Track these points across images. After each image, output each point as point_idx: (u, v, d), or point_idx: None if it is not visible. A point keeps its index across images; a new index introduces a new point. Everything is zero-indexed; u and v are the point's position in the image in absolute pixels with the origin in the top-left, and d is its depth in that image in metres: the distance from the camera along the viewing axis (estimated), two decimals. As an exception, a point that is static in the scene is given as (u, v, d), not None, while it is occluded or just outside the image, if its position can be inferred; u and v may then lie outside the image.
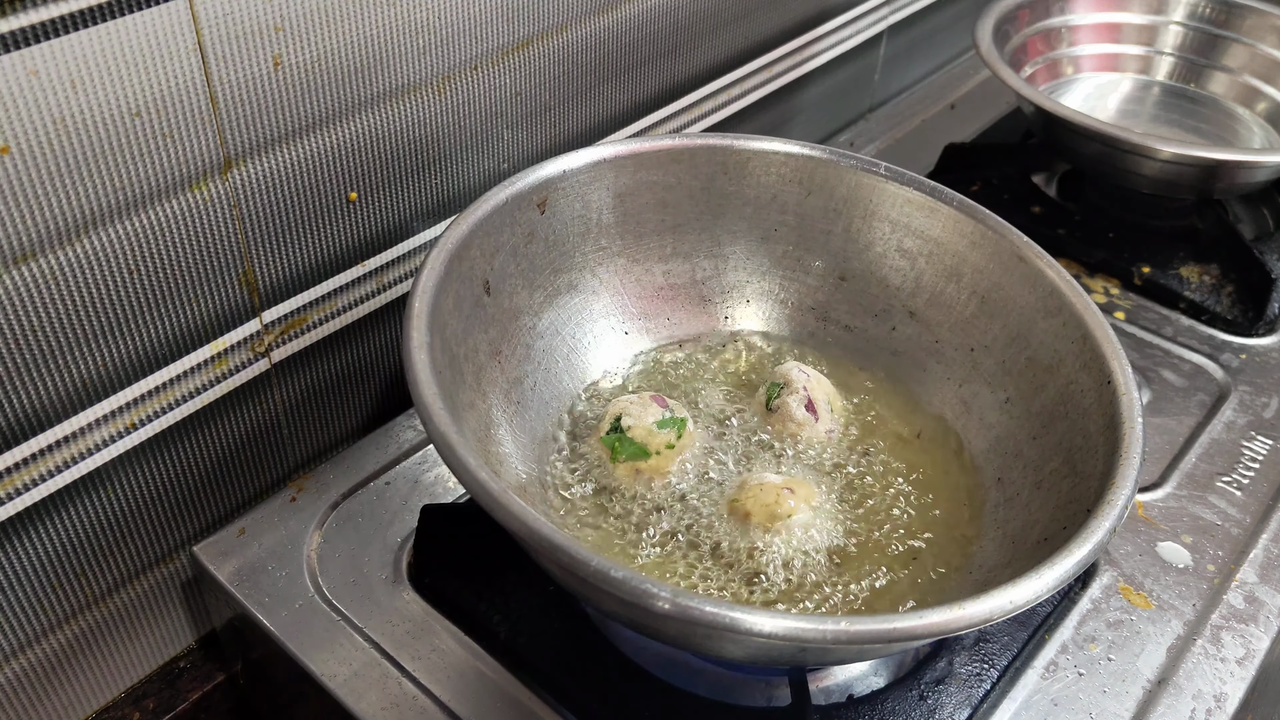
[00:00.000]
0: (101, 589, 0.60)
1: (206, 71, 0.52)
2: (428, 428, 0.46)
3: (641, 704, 0.55)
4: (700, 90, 0.86)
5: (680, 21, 0.80)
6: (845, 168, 0.66)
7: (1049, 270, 0.60)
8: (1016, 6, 0.98)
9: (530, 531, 0.43)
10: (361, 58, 0.59)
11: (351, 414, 0.71)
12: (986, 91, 1.15)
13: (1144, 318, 0.84)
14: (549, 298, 0.64)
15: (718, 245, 0.69)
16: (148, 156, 0.52)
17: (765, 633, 0.40)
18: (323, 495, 0.66)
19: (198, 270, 0.57)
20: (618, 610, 0.46)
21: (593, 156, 0.63)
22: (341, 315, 0.67)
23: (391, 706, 0.55)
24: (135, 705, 0.64)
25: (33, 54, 0.45)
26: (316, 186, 0.61)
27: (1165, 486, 0.69)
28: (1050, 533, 0.51)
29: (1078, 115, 0.83)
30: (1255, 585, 0.63)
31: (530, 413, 0.62)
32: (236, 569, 0.61)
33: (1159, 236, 0.91)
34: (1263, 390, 0.77)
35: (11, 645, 0.57)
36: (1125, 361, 0.54)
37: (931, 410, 0.65)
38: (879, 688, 0.56)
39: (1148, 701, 0.57)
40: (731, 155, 0.66)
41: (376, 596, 0.60)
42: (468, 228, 0.57)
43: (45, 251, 0.50)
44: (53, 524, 0.56)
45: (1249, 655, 0.60)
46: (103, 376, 0.55)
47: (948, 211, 0.64)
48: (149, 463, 0.59)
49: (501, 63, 0.68)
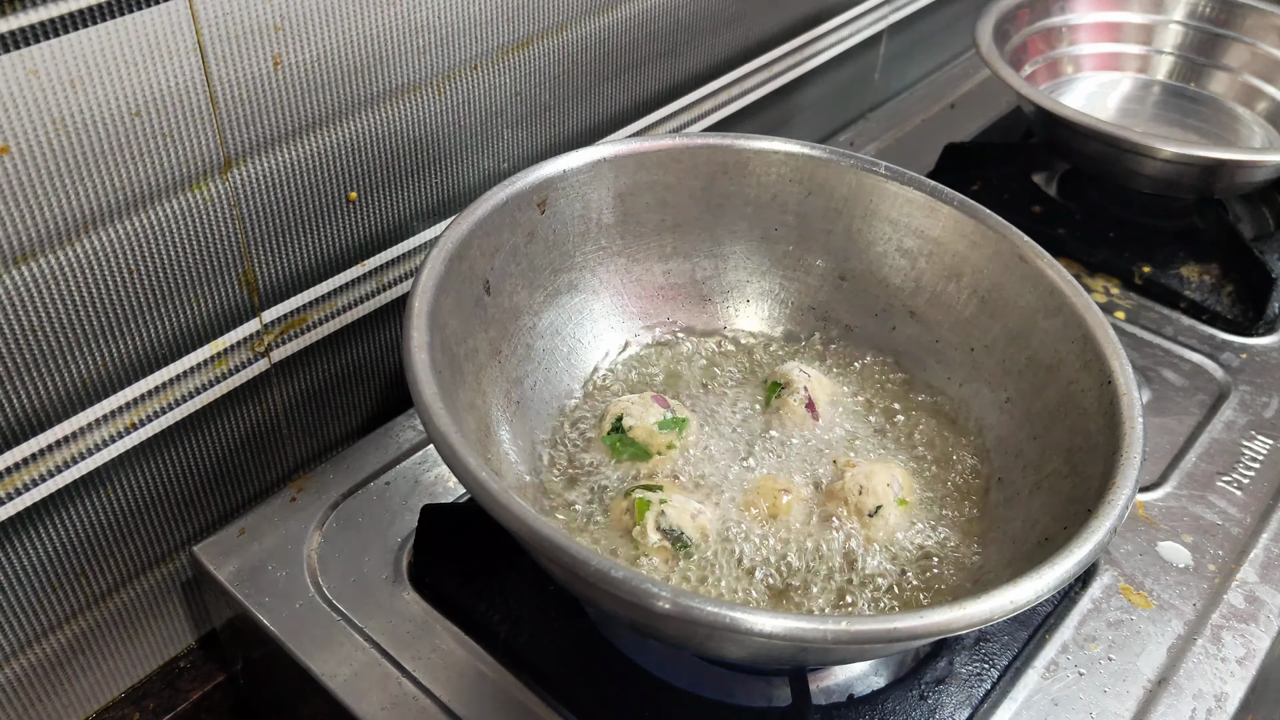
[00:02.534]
0: (101, 589, 0.60)
1: (206, 71, 0.52)
2: (428, 428, 0.46)
3: (641, 704, 0.55)
4: (700, 90, 0.86)
5: (680, 21, 0.80)
6: (845, 167, 0.66)
7: (1049, 270, 0.60)
8: (1016, 6, 0.98)
9: (530, 531, 0.42)
10: (361, 57, 0.59)
11: (351, 414, 0.71)
12: (986, 91, 1.15)
13: (1144, 317, 0.84)
14: (549, 297, 0.64)
15: (718, 245, 0.68)
16: (148, 156, 0.52)
17: (765, 633, 0.40)
18: (323, 495, 0.66)
19: (198, 270, 0.57)
20: (618, 610, 0.46)
21: (593, 156, 0.63)
22: (341, 315, 0.67)
23: (391, 706, 0.55)
24: (135, 705, 0.64)
25: (32, 53, 0.45)
26: (316, 186, 0.61)
27: (1165, 486, 0.69)
28: (1050, 533, 0.51)
29: (1078, 115, 0.83)
30: (1255, 585, 0.63)
31: (530, 412, 0.62)
32: (236, 569, 0.61)
33: (1159, 236, 0.91)
34: (1263, 390, 0.77)
35: (11, 645, 0.57)
36: (1125, 361, 0.54)
37: (937, 406, 0.65)
38: (879, 687, 0.56)
39: (1148, 701, 0.57)
40: (731, 155, 0.66)
41: (377, 596, 0.60)
42: (468, 227, 0.57)
43: (45, 251, 0.50)
44: (53, 524, 0.56)
45: (1249, 655, 0.60)
46: (103, 376, 0.55)
47: (948, 211, 0.64)
48: (149, 463, 0.59)
49: (501, 62, 0.68)
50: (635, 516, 0.55)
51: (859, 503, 0.57)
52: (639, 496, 0.56)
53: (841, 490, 0.58)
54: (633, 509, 0.55)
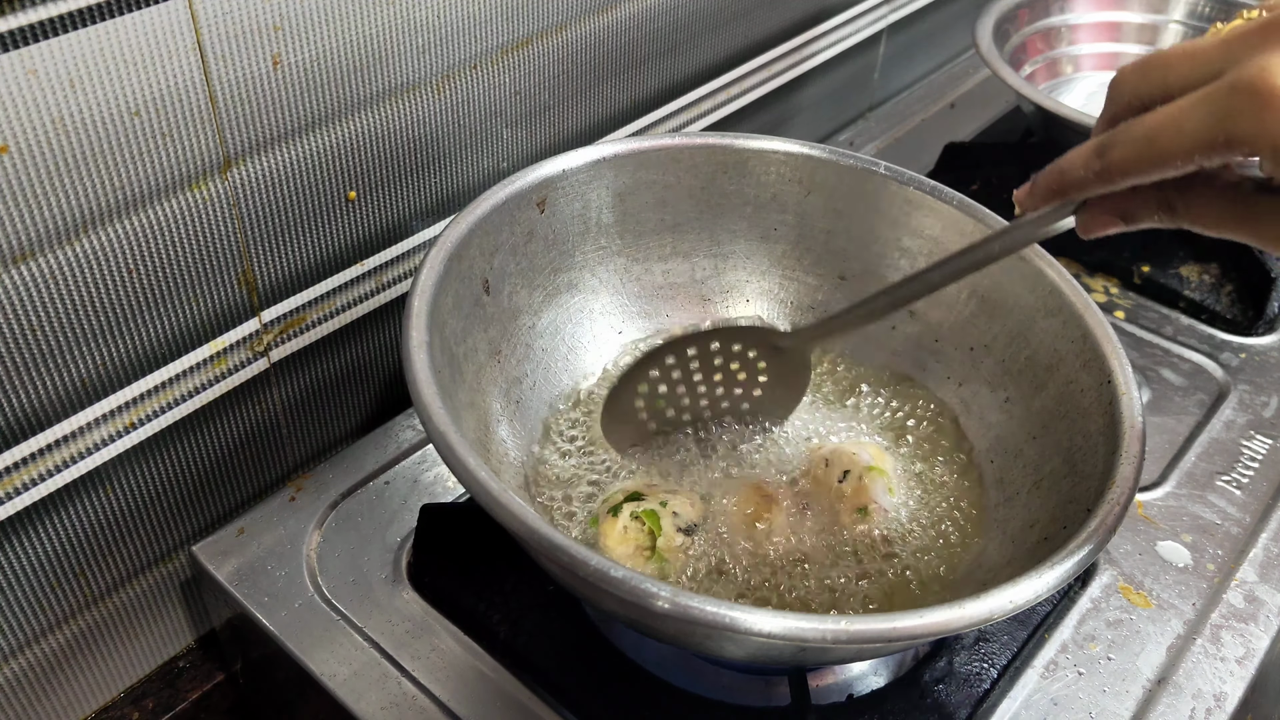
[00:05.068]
0: (101, 588, 0.60)
1: (206, 71, 0.52)
2: (427, 427, 0.46)
3: (641, 704, 0.55)
4: (700, 89, 0.86)
5: (680, 20, 0.80)
6: (845, 167, 0.66)
7: (1049, 270, 0.60)
8: (1016, 6, 0.98)
9: (530, 531, 0.42)
10: (361, 57, 0.59)
11: (351, 413, 0.71)
12: (986, 91, 1.15)
13: (1144, 317, 0.84)
14: (548, 297, 0.64)
15: (717, 245, 0.68)
16: (147, 156, 0.52)
17: (765, 632, 0.40)
18: (322, 495, 0.66)
19: (197, 269, 0.57)
20: (617, 610, 0.46)
21: (592, 156, 0.63)
22: (341, 314, 0.67)
23: (391, 706, 0.55)
24: (135, 705, 0.64)
25: (32, 53, 0.45)
26: (316, 186, 0.61)
27: (1165, 486, 0.69)
28: (1050, 532, 0.51)
29: (1078, 114, 0.83)
30: (1255, 584, 0.63)
31: (530, 412, 0.62)
32: (236, 568, 0.61)
33: (1159, 236, 0.91)
34: (1262, 389, 0.77)
35: (11, 645, 0.57)
36: (1125, 361, 0.54)
37: (934, 408, 0.65)
38: (879, 687, 0.56)
39: (1148, 701, 0.57)
40: (731, 154, 0.66)
41: (376, 596, 0.60)
42: (467, 227, 0.57)
43: (45, 251, 0.50)
44: (52, 523, 0.56)
45: (1249, 654, 0.60)
46: (102, 376, 0.55)
47: (948, 211, 0.64)
48: (148, 462, 0.59)
49: (501, 62, 0.68)
50: (651, 530, 0.54)
51: (825, 475, 0.58)
52: (644, 510, 0.55)
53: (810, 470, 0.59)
54: (642, 522, 0.54)
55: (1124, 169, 0.40)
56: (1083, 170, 0.42)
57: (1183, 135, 0.38)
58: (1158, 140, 0.38)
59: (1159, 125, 0.39)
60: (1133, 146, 0.40)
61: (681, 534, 0.55)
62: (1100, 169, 0.41)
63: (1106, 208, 0.44)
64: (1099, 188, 0.42)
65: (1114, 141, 0.41)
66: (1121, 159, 0.40)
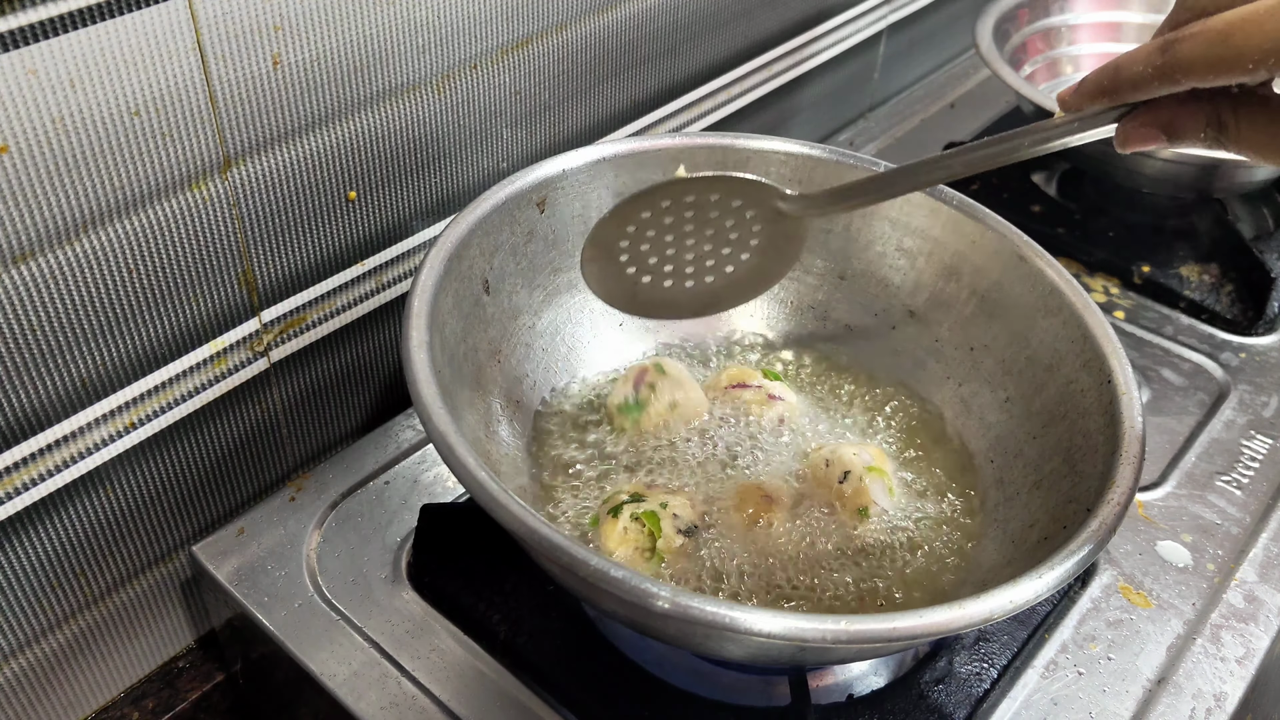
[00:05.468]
0: (100, 588, 0.60)
1: (206, 71, 0.52)
2: (427, 427, 0.46)
3: (641, 704, 0.55)
4: (700, 89, 0.86)
5: (680, 20, 0.80)
6: (845, 167, 0.66)
7: (1049, 269, 0.60)
8: (1016, 6, 0.98)
9: (530, 531, 0.42)
10: (361, 57, 0.59)
11: (351, 413, 0.71)
12: (986, 91, 1.15)
13: (1144, 317, 0.84)
14: (549, 297, 0.64)
15: (717, 244, 0.68)
16: (147, 156, 0.52)
17: (765, 632, 0.40)
18: (322, 495, 0.66)
19: (197, 270, 0.57)
20: (617, 610, 0.46)
21: (592, 156, 0.63)
22: (340, 314, 0.67)
23: (391, 706, 0.55)
24: (134, 705, 0.64)
25: (31, 53, 0.45)
26: (316, 186, 0.61)
27: (1165, 486, 0.69)
28: (1050, 532, 0.51)
29: (1077, 114, 0.83)
30: (1255, 584, 0.63)
31: (530, 412, 0.62)
32: (236, 568, 0.61)
33: (1159, 236, 0.91)
34: (1262, 389, 0.77)
35: (11, 645, 0.57)
36: (1125, 361, 0.54)
37: (932, 410, 0.65)
38: (879, 687, 0.56)
39: (1148, 701, 0.57)
40: (731, 154, 0.66)
41: (376, 596, 0.60)
42: (467, 227, 0.57)
43: (45, 251, 0.50)
44: (52, 523, 0.56)
45: (1249, 654, 0.60)
46: (102, 376, 0.55)
47: (948, 211, 0.64)
48: (148, 462, 0.59)
49: (501, 62, 0.68)
50: (651, 532, 0.54)
51: (826, 475, 0.58)
52: (644, 511, 0.55)
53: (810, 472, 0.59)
54: (642, 523, 0.54)
55: (1189, 66, 0.37)
56: (1142, 65, 0.39)
57: (1263, 34, 0.34)
58: (1233, 38, 0.35)
59: (1237, 21, 0.35)
60: (1204, 42, 0.36)
61: (681, 535, 0.55)
62: (1162, 64, 0.38)
63: (1152, 119, 0.40)
64: (1156, 87, 0.39)
65: (1183, 36, 0.37)
66: (1189, 55, 0.37)
